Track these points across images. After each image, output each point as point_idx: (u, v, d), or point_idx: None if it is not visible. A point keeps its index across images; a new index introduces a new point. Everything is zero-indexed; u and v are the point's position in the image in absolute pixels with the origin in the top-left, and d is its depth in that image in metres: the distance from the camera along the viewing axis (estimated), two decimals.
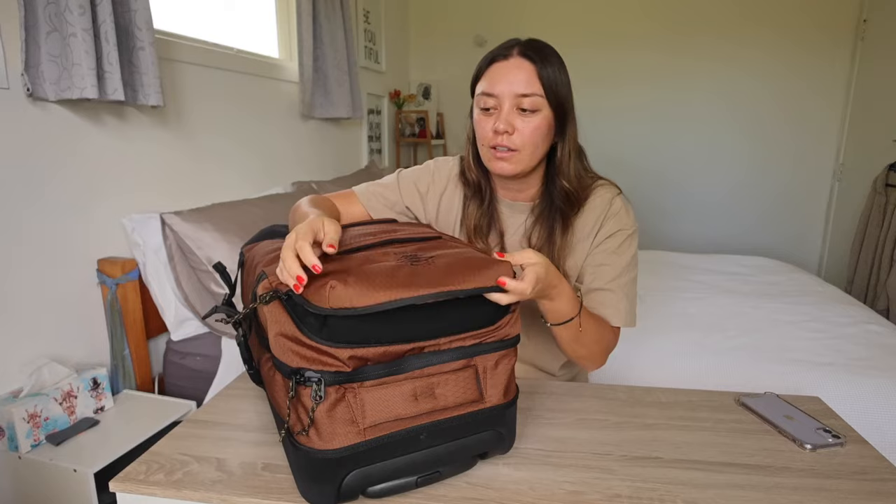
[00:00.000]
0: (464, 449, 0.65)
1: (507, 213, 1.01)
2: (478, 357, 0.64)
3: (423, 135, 3.59)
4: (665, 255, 2.71)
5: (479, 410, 0.64)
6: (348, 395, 0.58)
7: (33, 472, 1.18)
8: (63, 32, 1.26)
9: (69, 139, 1.39)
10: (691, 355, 1.56)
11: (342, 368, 0.57)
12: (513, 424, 0.69)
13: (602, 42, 3.55)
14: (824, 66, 3.33)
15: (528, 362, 1.05)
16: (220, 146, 1.95)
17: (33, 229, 1.31)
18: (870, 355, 1.54)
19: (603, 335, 0.93)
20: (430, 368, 0.62)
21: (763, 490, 0.66)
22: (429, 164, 1.07)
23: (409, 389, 0.60)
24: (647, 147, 3.64)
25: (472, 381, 0.64)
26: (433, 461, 0.64)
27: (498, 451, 0.70)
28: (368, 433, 0.59)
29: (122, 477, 0.67)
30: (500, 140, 0.89)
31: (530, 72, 0.88)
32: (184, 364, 1.59)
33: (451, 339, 0.62)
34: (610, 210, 0.97)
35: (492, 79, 0.90)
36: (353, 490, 0.61)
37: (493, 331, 0.65)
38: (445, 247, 0.70)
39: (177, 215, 1.55)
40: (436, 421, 0.62)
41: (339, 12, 2.52)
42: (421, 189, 1.04)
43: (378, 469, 0.61)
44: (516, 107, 0.89)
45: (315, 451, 0.58)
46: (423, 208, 1.05)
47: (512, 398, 0.67)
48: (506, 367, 0.66)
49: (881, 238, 2.87)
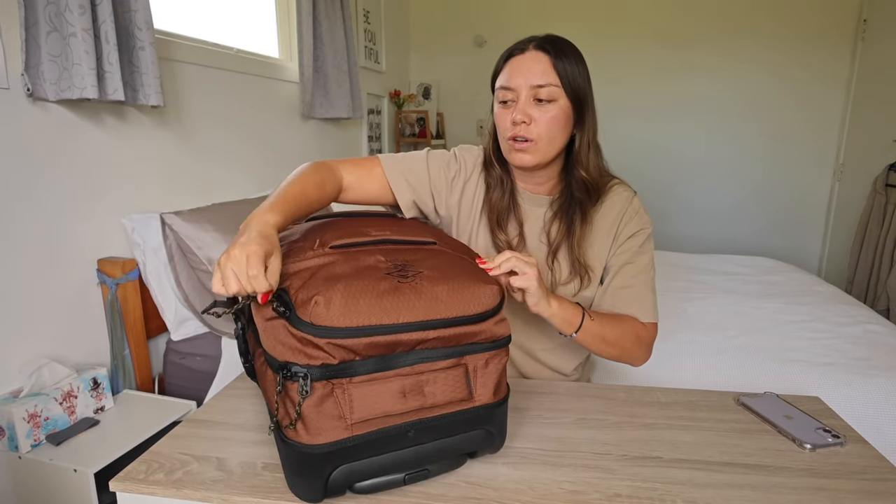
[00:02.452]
0: (452, 447, 0.66)
1: (527, 206, 1.02)
2: (468, 356, 0.65)
3: (423, 135, 3.59)
4: (665, 255, 2.71)
5: (468, 409, 0.64)
6: (336, 390, 0.58)
7: (33, 472, 1.18)
8: (63, 32, 1.26)
9: (69, 139, 1.39)
10: (691, 355, 1.56)
11: (328, 360, 0.57)
12: (503, 424, 0.69)
13: (602, 42, 3.54)
14: (824, 66, 3.33)
15: (542, 362, 1.05)
16: (220, 146, 1.95)
17: (33, 229, 1.31)
18: (870, 355, 1.54)
19: (626, 331, 0.94)
20: (419, 366, 0.62)
21: (763, 490, 0.66)
22: (454, 150, 1.05)
23: (397, 386, 0.60)
24: (645, 147, 3.64)
25: (461, 379, 0.64)
26: (421, 459, 0.64)
27: (487, 450, 0.70)
28: (356, 429, 0.59)
29: (122, 476, 0.67)
30: (518, 131, 0.91)
31: (546, 63, 0.90)
32: (184, 364, 1.59)
33: (440, 331, 0.62)
34: (630, 208, 0.99)
35: (509, 72, 0.92)
36: (339, 485, 0.61)
37: (481, 329, 0.65)
38: (437, 257, 0.70)
39: (177, 215, 1.55)
40: (424, 418, 0.62)
41: (339, 12, 2.52)
42: (449, 175, 1.02)
43: (365, 465, 0.61)
44: (533, 98, 0.91)
45: (302, 446, 0.58)
46: (447, 195, 1.01)
47: (502, 398, 0.67)
48: (496, 367, 0.66)
49: (881, 238, 2.87)
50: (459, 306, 0.62)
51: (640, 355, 0.98)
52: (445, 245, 0.78)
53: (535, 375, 1.05)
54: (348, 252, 0.68)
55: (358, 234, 0.74)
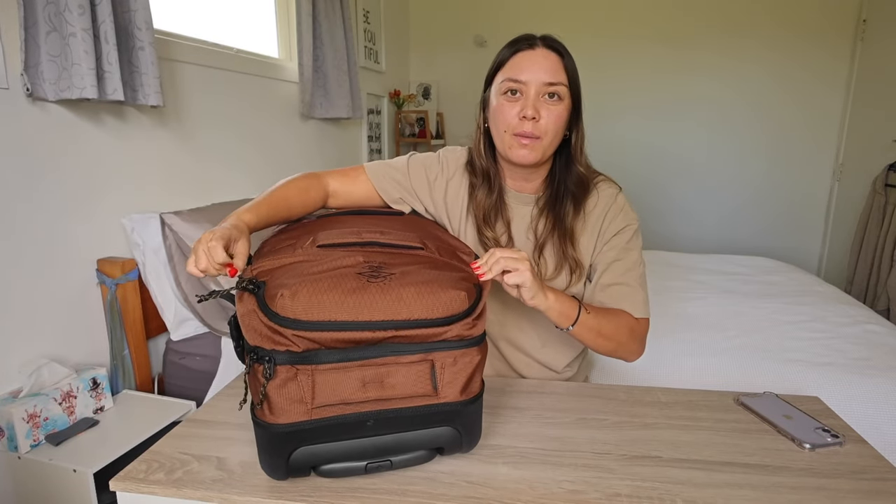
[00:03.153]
0: (414, 441, 0.67)
1: (514, 204, 1.03)
2: (436, 353, 0.65)
3: (423, 135, 3.59)
4: (665, 255, 2.71)
5: (430, 405, 0.65)
6: (301, 375, 0.61)
7: (33, 472, 1.18)
8: (63, 32, 1.26)
9: (69, 139, 1.39)
10: (691, 355, 1.56)
11: (291, 348, 0.61)
12: (474, 423, 0.69)
13: (602, 42, 3.55)
14: (824, 66, 3.33)
15: (533, 357, 1.05)
16: (219, 146, 1.95)
17: (33, 229, 1.31)
18: (870, 355, 1.54)
19: (621, 325, 0.94)
20: (384, 359, 0.63)
21: (762, 489, 0.66)
22: (439, 152, 1.08)
23: (358, 376, 0.62)
24: (644, 146, 3.64)
25: (425, 374, 0.64)
26: (382, 449, 0.66)
27: (455, 448, 0.70)
28: (315, 413, 0.62)
29: (122, 476, 0.67)
30: (526, 126, 0.91)
31: (556, 62, 0.92)
32: (183, 364, 1.59)
33: (402, 332, 0.63)
34: (615, 204, 1.00)
35: (518, 66, 0.93)
36: (301, 465, 0.64)
37: (446, 329, 0.65)
38: (416, 261, 0.71)
39: (176, 215, 1.55)
40: (384, 409, 0.64)
41: (339, 12, 2.52)
42: (430, 176, 1.05)
43: (325, 449, 0.64)
44: (543, 94, 0.92)
45: (267, 425, 0.62)
46: (430, 195, 1.05)
47: (472, 397, 0.67)
48: (466, 365, 0.66)
49: (881, 238, 2.87)
50: (423, 309, 0.63)
51: (635, 349, 0.98)
52: (433, 250, 0.78)
53: (527, 371, 1.06)
54: (332, 251, 0.71)
55: (351, 234, 0.77)
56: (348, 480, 0.67)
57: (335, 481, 0.67)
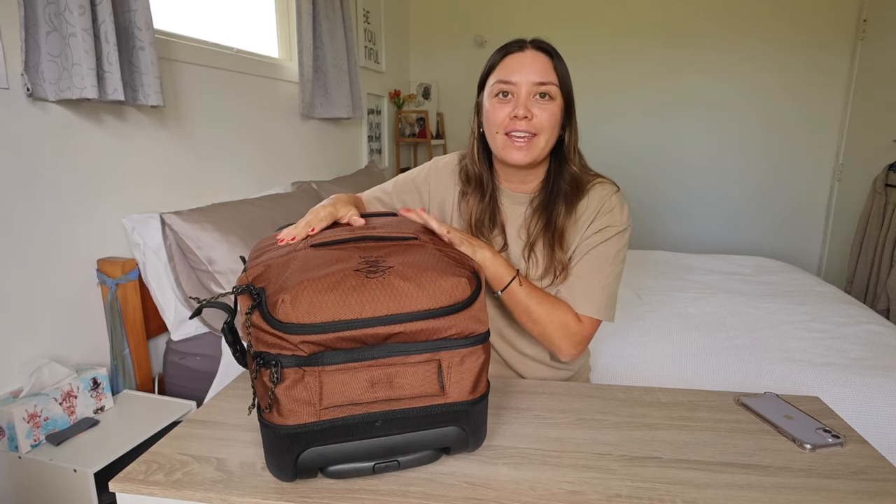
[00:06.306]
0: (422, 441, 0.67)
1: (508, 205, 1.04)
2: (443, 352, 0.65)
3: (423, 135, 3.59)
4: (665, 255, 2.71)
5: (438, 405, 0.65)
6: (308, 377, 0.61)
7: (33, 472, 1.18)
8: (63, 32, 1.26)
9: (69, 139, 1.39)
10: (691, 355, 1.56)
11: (297, 352, 0.60)
12: (479, 423, 0.69)
13: (602, 42, 3.54)
14: (824, 66, 3.33)
15: (522, 352, 1.07)
16: (220, 146, 1.95)
17: (33, 229, 1.31)
18: (870, 355, 1.54)
19: (554, 315, 0.95)
20: (392, 358, 0.63)
21: (762, 490, 0.66)
22: (427, 163, 1.12)
23: (366, 376, 0.62)
24: (644, 146, 3.64)
25: (433, 374, 0.64)
26: (389, 450, 0.66)
27: (462, 448, 0.70)
28: (324, 414, 0.62)
29: (121, 477, 0.67)
30: (518, 125, 0.92)
31: (546, 62, 0.94)
32: (184, 364, 1.59)
33: (406, 325, 0.62)
34: (604, 206, 1.00)
35: (509, 68, 0.94)
36: (308, 467, 0.64)
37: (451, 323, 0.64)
38: (412, 252, 0.71)
39: (177, 215, 1.55)
40: (392, 410, 0.64)
41: (339, 12, 2.52)
42: (421, 186, 1.10)
43: (333, 450, 0.64)
44: (534, 94, 0.93)
45: (273, 426, 0.62)
46: (420, 195, 1.10)
47: (478, 396, 0.67)
48: (473, 365, 0.66)
49: (881, 238, 2.87)
50: (426, 300, 0.62)
51: (564, 346, 0.97)
52: (427, 239, 0.78)
53: (517, 365, 1.07)
54: (326, 250, 0.71)
55: (342, 231, 0.78)
56: (348, 482, 0.67)
57: (335, 482, 0.67)
